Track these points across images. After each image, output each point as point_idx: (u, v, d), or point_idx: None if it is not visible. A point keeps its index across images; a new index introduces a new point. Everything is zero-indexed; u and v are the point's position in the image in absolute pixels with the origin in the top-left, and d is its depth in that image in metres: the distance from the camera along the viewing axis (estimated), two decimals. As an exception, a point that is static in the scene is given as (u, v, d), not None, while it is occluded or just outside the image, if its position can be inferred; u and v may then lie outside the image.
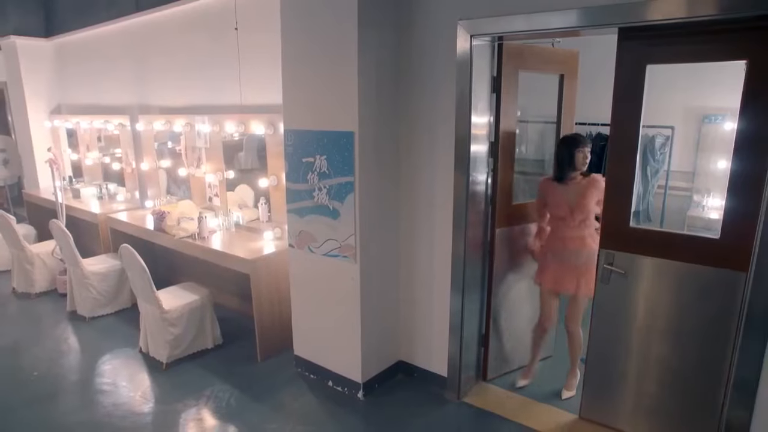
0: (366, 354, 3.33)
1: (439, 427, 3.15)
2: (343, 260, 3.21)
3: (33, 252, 5.29)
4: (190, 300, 3.91)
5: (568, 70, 3.42)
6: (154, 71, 5.36)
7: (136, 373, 3.82)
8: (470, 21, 2.90)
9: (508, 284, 3.46)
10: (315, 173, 3.21)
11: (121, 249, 3.80)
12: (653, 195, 4.87)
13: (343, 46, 2.94)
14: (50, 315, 4.90)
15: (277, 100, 3.90)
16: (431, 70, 3.11)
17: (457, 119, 3.04)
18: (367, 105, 3.00)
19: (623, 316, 2.89)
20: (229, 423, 3.19)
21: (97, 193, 6.23)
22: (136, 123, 5.45)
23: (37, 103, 6.97)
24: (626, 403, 2.98)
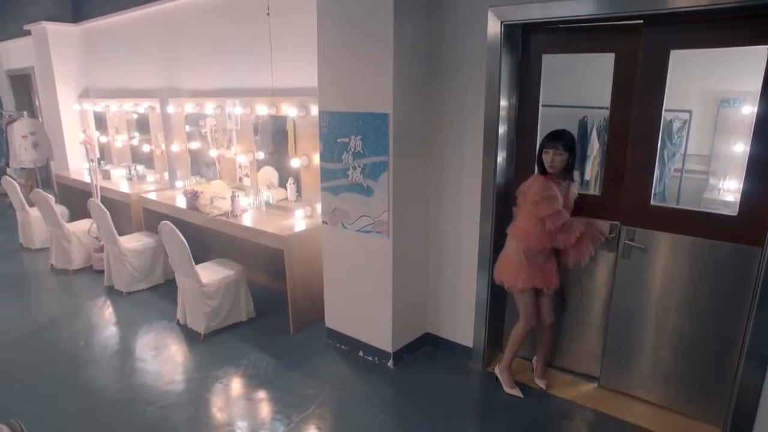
0: (396, 325, 3.52)
1: (466, 393, 3.35)
2: (376, 236, 3.39)
3: (70, 230, 5.52)
4: (226, 274, 4.11)
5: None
6: (183, 56, 5.52)
7: (176, 343, 4.04)
8: (501, 8, 3.04)
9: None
10: (350, 153, 3.38)
11: (161, 225, 4.00)
12: (669, 178, 4.98)
13: (378, 32, 3.09)
14: (89, 290, 5.13)
15: (309, 83, 4.09)
16: (461, 54, 3.26)
17: (486, 102, 3.20)
18: (400, 88, 3.16)
19: (642, 289, 3.05)
20: (268, 388, 3.40)
21: (126, 175, 6.44)
22: (167, 106, 5.62)
23: (66, 87, 7.18)
24: (644, 371, 3.15)
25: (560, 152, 2.95)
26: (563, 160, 2.96)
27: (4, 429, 2.00)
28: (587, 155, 4.18)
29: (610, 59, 3.07)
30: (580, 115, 4.27)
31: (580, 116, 4.24)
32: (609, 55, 3.06)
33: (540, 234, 3.01)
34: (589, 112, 4.47)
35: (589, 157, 4.17)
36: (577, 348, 3.44)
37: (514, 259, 3.12)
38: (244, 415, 3.16)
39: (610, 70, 3.10)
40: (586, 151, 4.18)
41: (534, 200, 2.97)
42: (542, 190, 2.97)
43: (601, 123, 5.08)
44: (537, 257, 3.08)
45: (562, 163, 2.97)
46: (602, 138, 4.14)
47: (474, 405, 3.28)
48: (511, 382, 3.32)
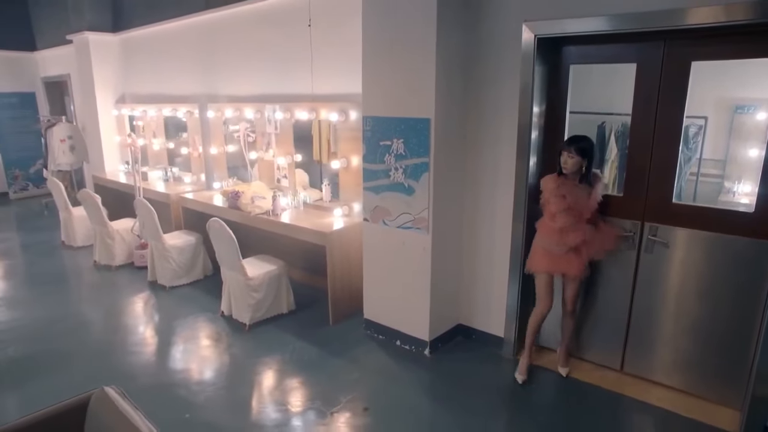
0: (433, 316, 3.79)
1: (499, 378, 3.61)
2: (416, 232, 3.67)
3: (114, 228, 5.83)
4: (269, 269, 4.40)
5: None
6: (222, 63, 5.83)
7: (223, 333, 4.32)
8: (534, 22, 3.32)
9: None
10: (392, 155, 3.67)
11: (211, 222, 4.29)
12: (685, 182, 5.23)
13: (422, 44, 3.38)
14: (133, 284, 5.44)
15: (349, 89, 4.39)
16: (496, 64, 3.54)
17: (520, 109, 3.47)
18: (441, 95, 3.44)
19: (663, 281, 3.31)
20: (314, 373, 3.68)
21: (163, 176, 6.76)
22: (206, 111, 5.93)
23: (104, 93, 7.53)
24: (665, 358, 3.40)
25: (572, 155, 3.19)
26: (575, 163, 3.21)
27: (112, 391, 2.28)
28: (606, 159, 4.44)
29: (630, 69, 3.33)
30: (599, 121, 4.53)
31: (599, 122, 4.50)
32: (629, 65, 3.32)
33: (549, 228, 3.32)
34: (607, 119, 4.72)
35: (607, 161, 4.43)
36: (600, 338, 3.68)
37: (535, 246, 3.45)
38: (294, 395, 3.43)
39: (628, 78, 3.37)
40: (604, 155, 4.44)
41: (546, 198, 3.32)
42: (552, 190, 3.28)
43: (618, 129, 5.33)
44: (553, 248, 3.34)
45: (574, 166, 3.21)
46: (620, 143, 4.40)
47: (505, 390, 3.53)
48: (522, 368, 3.56)
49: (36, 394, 3.45)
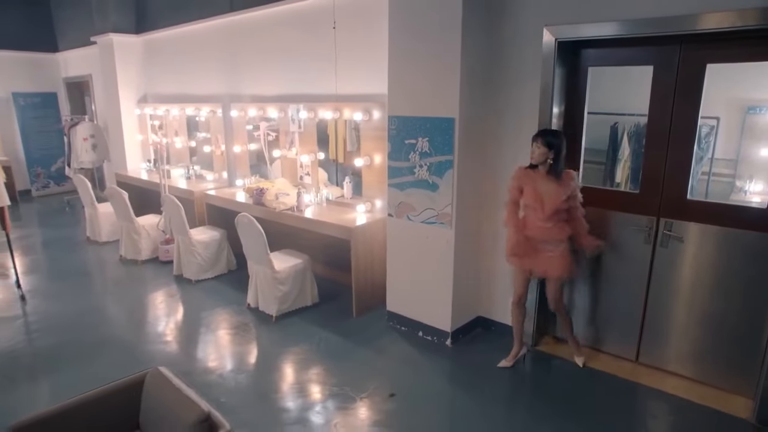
0: (455, 307, 3.95)
1: (518, 367, 3.76)
2: (439, 226, 3.83)
3: (140, 224, 6.02)
4: (295, 263, 4.57)
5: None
6: (245, 63, 6.01)
7: (251, 324, 4.49)
8: (555, 27, 3.47)
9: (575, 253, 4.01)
10: (417, 153, 3.83)
11: (239, 217, 4.47)
12: (697, 181, 5.35)
13: (447, 47, 3.54)
14: (159, 278, 5.62)
15: (372, 90, 4.55)
16: (518, 67, 3.69)
17: (540, 109, 3.63)
18: (465, 95, 3.60)
19: (678, 274, 3.45)
20: (341, 361, 3.84)
21: (185, 174, 6.95)
22: (230, 110, 6.11)
23: (127, 93, 7.74)
24: (679, 349, 3.54)
25: (539, 146, 3.31)
26: (541, 154, 3.31)
27: (165, 370, 2.46)
28: (618, 158, 4.56)
29: (643, 71, 3.49)
30: (612, 122, 4.66)
31: (612, 122, 4.62)
32: (642, 66, 3.48)
33: (515, 219, 3.48)
34: (620, 119, 4.85)
35: (620, 161, 4.55)
36: (616, 330, 3.81)
37: (507, 236, 3.56)
38: (324, 382, 3.59)
39: (641, 80, 3.52)
40: (617, 155, 4.57)
41: (509, 186, 3.48)
42: (514, 179, 3.46)
43: (631, 129, 5.45)
44: (519, 239, 3.45)
45: (540, 156, 3.32)
46: (632, 143, 4.53)
47: (524, 379, 3.69)
48: (510, 356, 3.75)
49: (72, 380, 3.63)
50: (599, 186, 4.01)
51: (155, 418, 2.37)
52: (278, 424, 3.16)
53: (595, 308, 3.86)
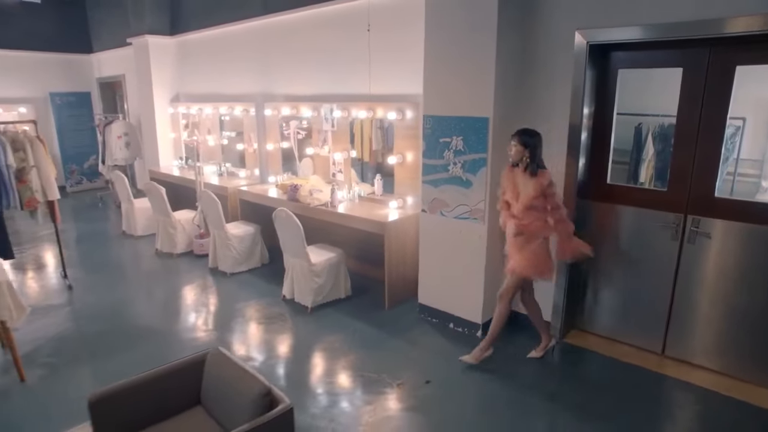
0: (486, 300, 4.10)
1: (546, 357, 3.90)
2: (472, 222, 3.98)
3: (176, 218, 6.25)
4: (329, 256, 4.75)
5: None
6: (279, 64, 6.22)
7: (287, 314, 4.68)
8: (587, 30, 3.61)
9: (601, 250, 4.13)
10: (451, 151, 3.99)
11: (277, 212, 4.66)
12: (722, 181, 5.43)
13: (482, 50, 3.70)
14: (195, 270, 5.85)
15: (405, 90, 4.72)
16: (550, 68, 3.83)
17: (571, 110, 3.77)
18: (499, 96, 3.75)
19: (705, 269, 3.57)
20: (375, 351, 4.02)
21: (217, 171, 7.18)
22: (263, 109, 6.33)
23: (161, 92, 7.99)
24: (705, 342, 3.66)
25: (515, 144, 3.47)
26: (516, 152, 3.48)
27: (224, 350, 2.65)
28: (642, 159, 4.66)
29: (668, 72, 3.64)
30: (636, 122, 4.74)
31: (635, 123, 4.70)
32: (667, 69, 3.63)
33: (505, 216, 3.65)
34: (644, 120, 4.94)
35: (644, 161, 4.65)
36: (643, 323, 3.93)
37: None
38: (361, 369, 3.76)
39: (666, 82, 3.68)
40: (641, 155, 4.66)
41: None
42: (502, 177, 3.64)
43: (655, 129, 5.54)
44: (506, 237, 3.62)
45: (516, 155, 3.48)
46: (657, 143, 4.62)
47: (553, 368, 3.83)
48: (540, 348, 3.90)
49: (117, 365, 3.85)
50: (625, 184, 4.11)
51: (216, 394, 2.56)
52: (319, 406, 3.34)
53: (622, 302, 3.99)
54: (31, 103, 9.65)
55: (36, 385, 3.62)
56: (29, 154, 4.91)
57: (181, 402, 2.64)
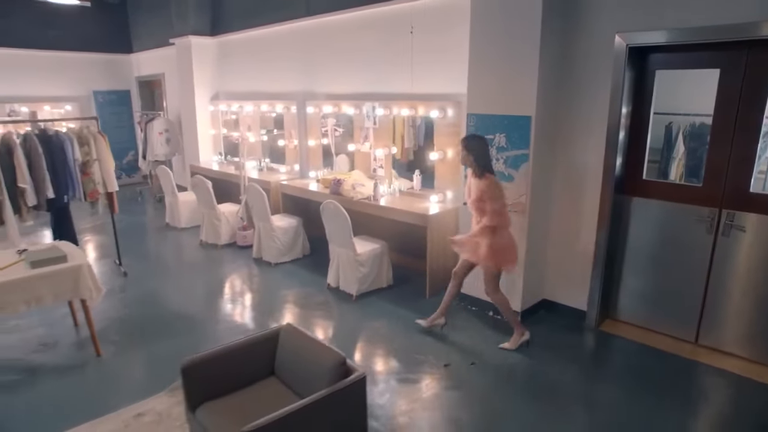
0: (525, 289, 4.31)
1: (583, 344, 4.13)
2: (513, 214, 4.18)
3: (221, 211, 6.56)
4: (374, 247, 5.01)
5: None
6: (320, 63, 6.49)
7: (332, 301, 4.95)
8: (627, 33, 3.80)
9: (636, 243, 4.32)
10: (494, 147, 4.21)
11: (325, 204, 4.93)
12: (754, 179, 5.57)
13: (526, 51, 3.91)
14: (240, 260, 6.15)
15: (447, 90, 4.95)
16: (590, 70, 4.03)
17: (610, 110, 3.97)
18: (541, 95, 3.97)
19: (738, 261, 3.74)
20: (420, 336, 4.26)
21: (257, 166, 7.48)
22: (304, 107, 6.60)
23: (202, 90, 8.33)
24: (738, 331, 3.83)
25: (461, 149, 3.80)
26: (463, 156, 3.80)
27: (296, 325, 2.91)
28: (672, 157, 4.81)
29: (702, 72, 3.86)
30: (666, 121, 4.90)
31: (666, 122, 4.86)
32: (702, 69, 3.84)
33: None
34: (674, 119, 5.09)
35: (674, 159, 4.81)
36: (677, 313, 4.11)
37: None
38: (408, 352, 4.01)
39: (698, 82, 3.94)
40: (671, 154, 4.82)
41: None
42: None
43: (686, 128, 5.68)
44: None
45: (462, 159, 3.81)
46: (687, 141, 4.77)
47: (590, 352, 4.06)
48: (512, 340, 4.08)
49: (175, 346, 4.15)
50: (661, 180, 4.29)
51: (290, 365, 2.83)
52: (372, 383, 3.58)
53: (656, 293, 4.18)
54: (76, 101, 10.07)
55: (110, 359, 3.94)
56: (93, 148, 5.24)
57: (256, 372, 2.90)
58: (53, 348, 4.10)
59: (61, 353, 4.03)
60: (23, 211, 4.87)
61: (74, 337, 4.30)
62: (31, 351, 4.05)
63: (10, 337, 4.25)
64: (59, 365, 3.86)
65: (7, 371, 3.77)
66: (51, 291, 3.69)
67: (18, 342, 4.18)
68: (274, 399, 2.66)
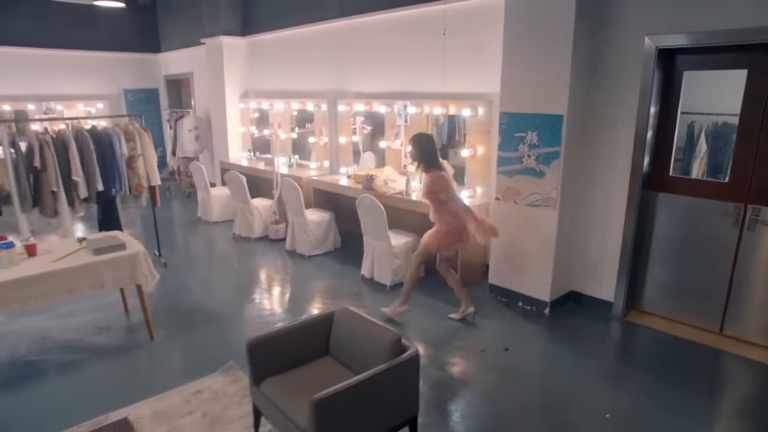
0: (555, 279, 4.51)
1: (610, 332, 4.32)
2: (544, 208, 4.40)
3: (254, 205, 6.81)
4: (406, 240, 5.22)
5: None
6: (352, 63, 6.71)
7: (367, 291, 5.18)
8: (656, 36, 3.98)
9: (662, 236, 4.49)
10: (526, 144, 4.41)
11: (362, 198, 5.15)
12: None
13: (558, 53, 4.11)
14: (274, 252, 6.40)
15: (478, 89, 5.15)
16: (619, 71, 4.21)
17: (639, 110, 4.15)
18: (573, 95, 4.16)
19: (762, 255, 3.91)
20: (453, 324, 4.47)
21: (287, 162, 7.72)
22: (335, 105, 6.83)
23: (232, 89, 8.59)
24: (761, 321, 4.00)
25: (411, 147, 4.31)
26: (411, 153, 4.33)
27: (350, 307, 3.13)
28: (695, 156, 4.97)
29: (725, 74, 4.07)
30: (689, 120, 5.04)
31: (689, 121, 5.00)
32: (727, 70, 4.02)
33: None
34: (696, 118, 5.23)
35: (696, 157, 4.96)
36: (702, 304, 4.28)
37: None
38: (443, 339, 4.23)
39: (722, 82, 4.13)
40: (693, 152, 4.97)
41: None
42: None
43: (708, 127, 5.80)
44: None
45: (411, 155, 4.37)
46: (710, 140, 4.91)
47: (617, 341, 4.26)
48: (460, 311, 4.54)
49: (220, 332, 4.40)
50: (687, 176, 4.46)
51: (345, 344, 3.05)
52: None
53: (681, 285, 4.35)
54: (107, 99, 10.40)
55: (163, 342, 4.19)
56: (138, 143, 5.50)
57: (312, 352, 3.12)
58: (108, 331, 4.36)
59: (116, 336, 4.29)
60: (76, 203, 5.13)
61: (126, 321, 4.56)
62: (89, 333, 4.31)
63: (68, 321, 4.52)
64: (117, 346, 4.12)
65: (71, 351, 4.04)
66: (112, 276, 3.94)
67: (76, 325, 4.45)
68: (332, 375, 2.88)
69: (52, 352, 4.02)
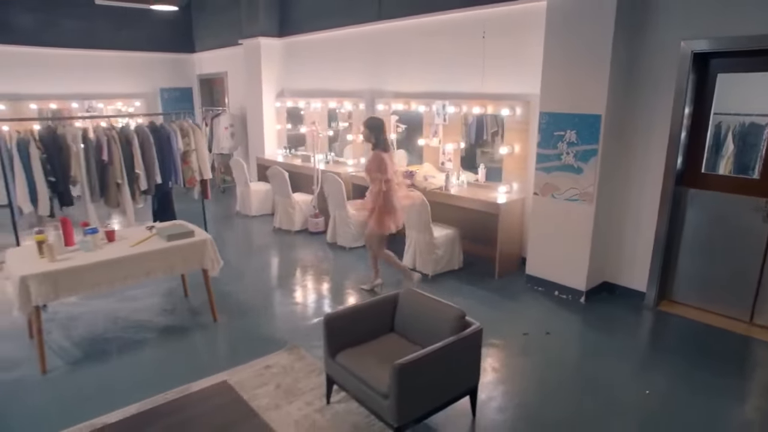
0: (590, 270, 4.79)
1: (643, 321, 4.59)
2: (581, 203, 4.68)
3: (295, 200, 7.14)
4: (447, 232, 5.52)
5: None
6: (389, 64, 7.01)
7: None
8: (691, 41, 4.24)
9: (693, 230, 4.74)
10: (564, 142, 4.69)
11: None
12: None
13: (597, 56, 4.38)
14: (315, 244, 6.72)
15: (517, 90, 5.42)
16: (655, 74, 4.48)
17: (673, 111, 4.41)
18: (610, 96, 4.43)
19: (792, 246, 4.17)
20: (497, 310, 4.77)
21: (324, 159, 8.03)
22: (373, 104, 7.14)
23: (269, 87, 8.93)
24: (790, 310, 4.26)
25: (364, 129, 4.85)
26: (363, 134, 4.88)
27: (415, 288, 3.43)
28: (721, 155, 5.18)
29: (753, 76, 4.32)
30: (716, 121, 5.24)
31: (716, 122, 5.19)
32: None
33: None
34: (723, 118, 5.44)
35: (723, 156, 5.18)
36: (732, 294, 4.52)
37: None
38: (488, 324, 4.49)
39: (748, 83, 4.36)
40: (720, 152, 5.18)
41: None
42: None
43: (735, 128, 5.98)
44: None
45: (366, 137, 4.86)
46: (737, 140, 5.12)
47: (649, 328, 4.54)
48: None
49: (273, 317, 4.72)
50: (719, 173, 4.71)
51: (410, 321, 3.35)
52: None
53: (712, 276, 4.60)
54: (144, 98, 10.80)
55: (226, 324, 4.52)
56: (192, 139, 5.85)
57: (378, 329, 3.42)
58: (172, 313, 4.70)
59: (181, 317, 4.62)
60: (136, 195, 5.48)
61: (187, 305, 4.89)
62: (156, 314, 4.66)
63: (135, 304, 4.86)
64: (183, 326, 4.45)
65: (142, 330, 4.38)
66: (182, 260, 4.27)
67: (143, 307, 4.80)
68: (399, 348, 3.17)
69: (127, 331, 4.36)
